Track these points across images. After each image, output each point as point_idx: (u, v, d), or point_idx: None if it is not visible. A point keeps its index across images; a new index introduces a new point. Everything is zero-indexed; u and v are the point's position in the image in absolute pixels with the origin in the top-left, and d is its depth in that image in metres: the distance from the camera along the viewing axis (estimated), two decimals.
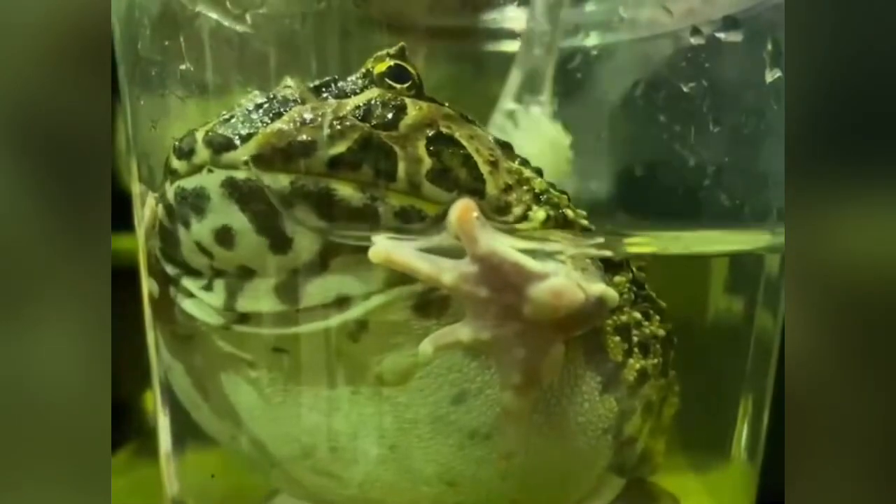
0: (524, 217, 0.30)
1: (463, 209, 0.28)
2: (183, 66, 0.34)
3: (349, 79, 0.30)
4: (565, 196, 0.33)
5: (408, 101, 0.29)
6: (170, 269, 0.32)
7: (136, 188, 0.37)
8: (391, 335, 0.29)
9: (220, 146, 0.27)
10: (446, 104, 0.31)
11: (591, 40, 0.39)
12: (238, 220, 0.28)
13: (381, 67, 0.30)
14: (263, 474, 0.36)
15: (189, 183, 0.28)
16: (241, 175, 0.27)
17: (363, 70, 0.30)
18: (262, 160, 0.27)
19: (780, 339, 0.34)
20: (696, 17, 0.35)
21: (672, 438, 0.36)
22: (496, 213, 0.29)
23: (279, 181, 0.27)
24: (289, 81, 0.30)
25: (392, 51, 0.30)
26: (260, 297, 0.29)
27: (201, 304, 0.31)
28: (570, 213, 0.32)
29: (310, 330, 0.29)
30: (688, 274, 0.35)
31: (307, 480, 0.33)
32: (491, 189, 0.29)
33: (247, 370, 0.31)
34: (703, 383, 0.35)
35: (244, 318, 0.30)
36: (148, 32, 0.35)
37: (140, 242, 0.35)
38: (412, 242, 0.28)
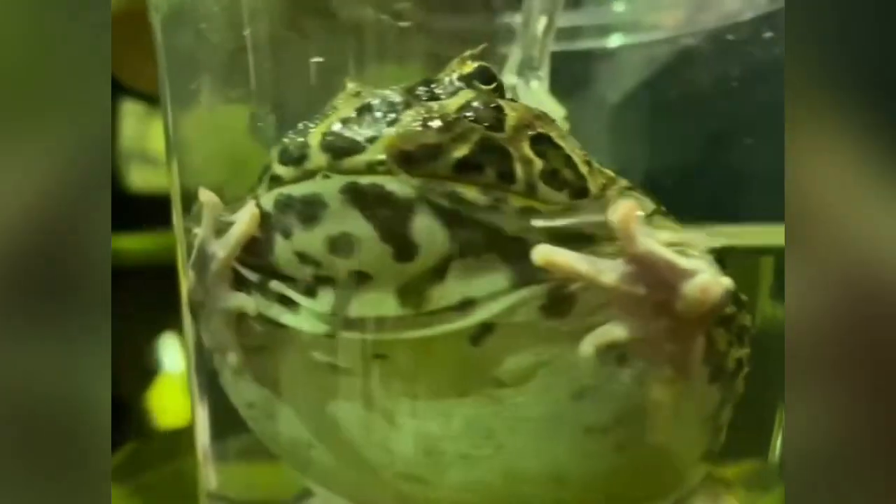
0: None
1: (628, 209, 0.28)
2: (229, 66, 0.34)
3: (435, 82, 0.30)
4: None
5: (501, 102, 0.29)
6: (252, 278, 0.31)
7: (175, 190, 0.37)
8: (516, 337, 0.29)
9: (341, 151, 0.27)
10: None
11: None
12: (360, 227, 0.27)
13: (467, 69, 0.30)
14: (317, 479, 0.35)
15: (298, 190, 0.27)
16: (364, 180, 0.26)
17: (449, 72, 0.30)
18: (383, 164, 0.26)
19: None
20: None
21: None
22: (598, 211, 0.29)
23: (406, 186, 0.26)
24: (351, 84, 0.29)
25: (476, 52, 0.30)
26: (379, 303, 0.29)
27: (300, 311, 0.30)
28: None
29: (432, 334, 0.29)
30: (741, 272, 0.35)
31: (389, 486, 0.33)
32: (592, 188, 0.30)
33: (340, 378, 0.31)
34: (748, 387, 0.35)
35: (352, 324, 0.29)
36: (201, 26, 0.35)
37: (179, 239, 0.35)
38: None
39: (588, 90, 0.43)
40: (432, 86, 0.29)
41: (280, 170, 0.28)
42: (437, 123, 0.27)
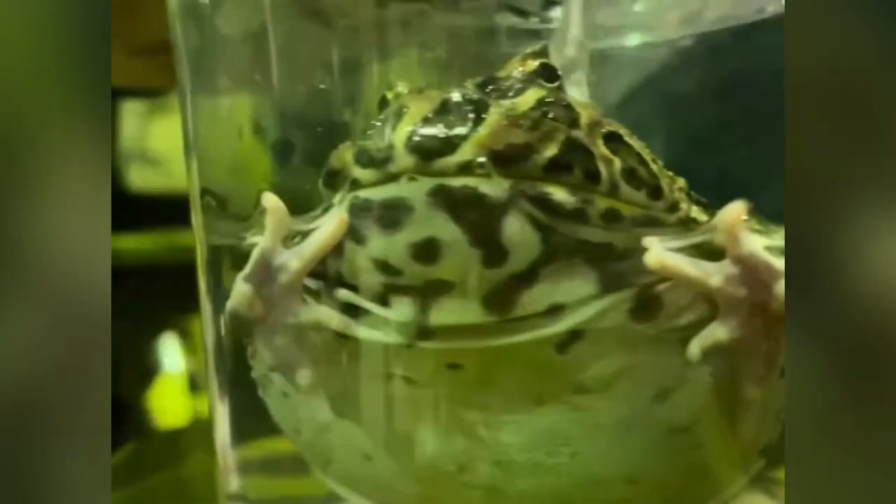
0: (689, 214, 0.30)
1: (737, 211, 0.28)
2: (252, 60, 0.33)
3: (498, 80, 0.29)
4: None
5: (569, 99, 0.28)
6: (315, 286, 0.30)
7: (194, 189, 0.36)
8: (604, 342, 0.28)
9: (431, 152, 0.25)
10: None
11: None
12: (449, 231, 0.26)
13: (530, 67, 0.29)
14: (364, 492, 0.34)
15: (379, 193, 0.26)
16: (455, 182, 0.25)
17: (512, 70, 0.29)
18: (479, 166, 0.25)
19: None
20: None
21: None
22: (669, 211, 0.29)
23: (498, 187, 0.25)
24: (401, 85, 0.29)
25: (537, 49, 0.29)
26: (462, 310, 0.27)
27: (372, 322, 0.29)
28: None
29: (518, 341, 0.28)
30: None
31: (452, 495, 0.32)
32: (665, 187, 0.29)
33: (410, 389, 0.30)
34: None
35: (429, 333, 0.28)
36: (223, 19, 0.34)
37: (199, 238, 0.34)
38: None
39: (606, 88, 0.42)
40: (499, 83, 0.28)
41: (359, 172, 0.27)
42: (526, 122, 0.26)
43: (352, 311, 0.29)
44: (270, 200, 0.30)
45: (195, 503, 0.44)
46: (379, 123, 0.27)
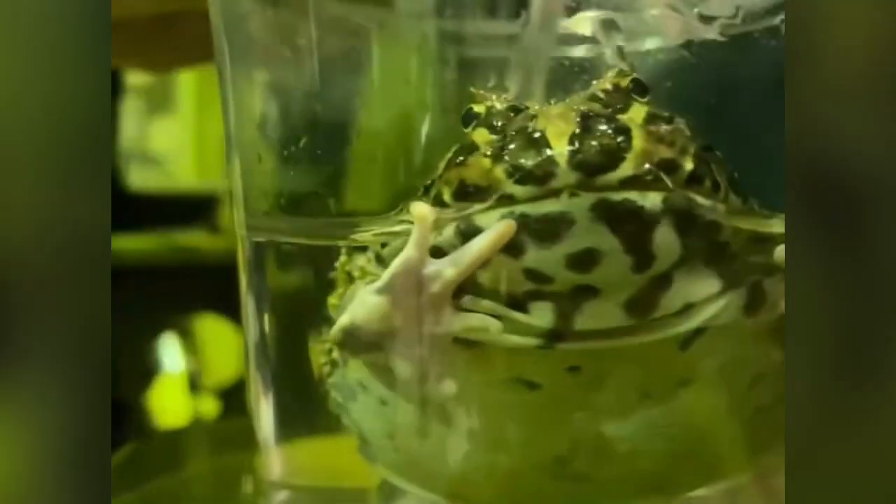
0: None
1: None
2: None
3: (598, 95, 0.30)
4: None
5: (665, 113, 0.30)
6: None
7: (234, 184, 0.36)
8: (720, 337, 0.30)
9: (595, 168, 0.27)
10: None
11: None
12: (607, 242, 0.27)
13: (625, 82, 0.30)
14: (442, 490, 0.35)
15: (538, 209, 0.27)
16: (616, 196, 0.27)
17: (606, 85, 0.30)
18: (639, 180, 0.27)
19: None
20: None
21: None
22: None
23: (652, 199, 0.27)
24: (494, 98, 0.30)
25: (626, 67, 0.31)
26: (605, 314, 0.29)
27: (511, 328, 0.30)
28: None
29: (651, 340, 0.29)
30: None
31: (540, 487, 0.33)
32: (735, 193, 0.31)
33: (531, 393, 0.31)
34: None
35: (568, 336, 0.29)
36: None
37: (239, 235, 0.35)
38: None
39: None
40: (601, 99, 0.30)
41: (515, 189, 0.27)
42: (669, 138, 0.28)
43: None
44: (419, 209, 0.30)
45: (195, 503, 0.44)
46: (511, 139, 0.28)
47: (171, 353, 1.35)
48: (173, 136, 1.63)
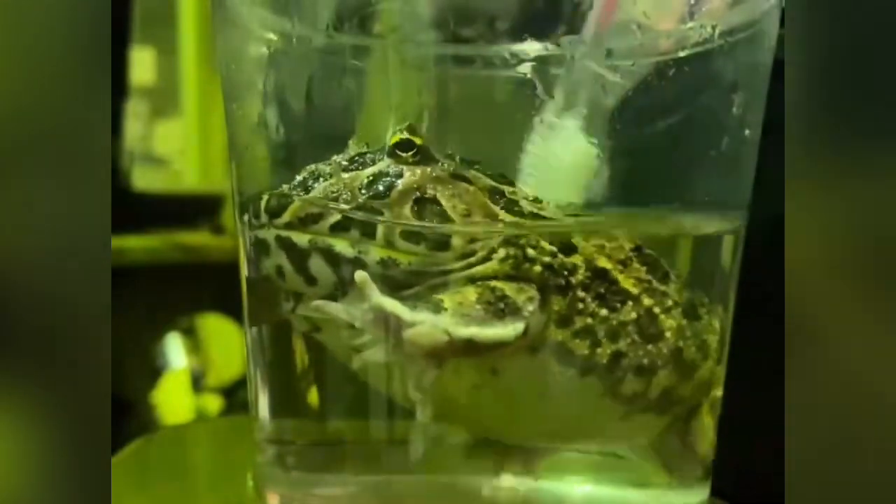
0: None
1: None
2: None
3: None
4: None
5: (405, 168, 0.34)
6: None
7: (235, 187, 0.38)
8: None
9: (272, 214, 0.33)
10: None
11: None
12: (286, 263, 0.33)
13: (394, 140, 0.34)
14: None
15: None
16: (283, 234, 0.33)
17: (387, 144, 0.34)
18: (292, 225, 0.33)
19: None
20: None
21: None
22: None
23: (300, 239, 0.33)
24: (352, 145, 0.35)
25: (403, 127, 0.34)
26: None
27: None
28: None
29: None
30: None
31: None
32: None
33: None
34: None
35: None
36: None
37: (241, 233, 0.36)
38: None
39: None
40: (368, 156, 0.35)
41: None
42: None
43: None
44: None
45: (199, 501, 0.44)
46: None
47: (175, 351, 1.36)
48: (178, 137, 1.64)
